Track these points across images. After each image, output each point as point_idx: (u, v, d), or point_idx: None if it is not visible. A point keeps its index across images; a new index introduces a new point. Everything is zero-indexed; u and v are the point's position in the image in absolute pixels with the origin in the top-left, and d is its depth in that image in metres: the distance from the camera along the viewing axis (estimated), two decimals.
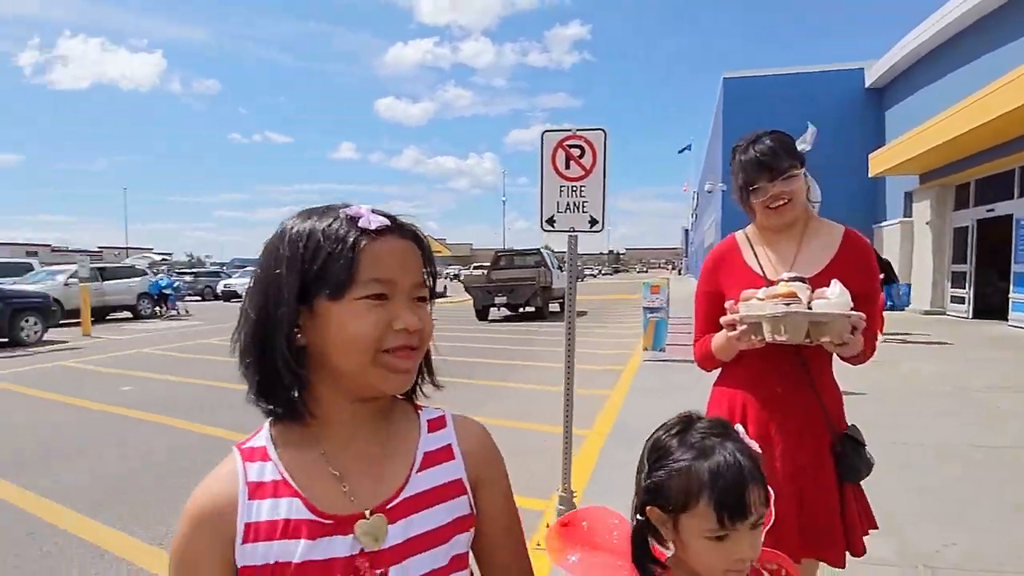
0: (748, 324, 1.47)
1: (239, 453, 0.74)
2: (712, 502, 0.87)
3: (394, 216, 0.75)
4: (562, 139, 2.85)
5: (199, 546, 0.69)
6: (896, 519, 3.09)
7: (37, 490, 3.92)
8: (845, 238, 1.63)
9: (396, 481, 0.75)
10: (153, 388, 7.37)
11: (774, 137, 1.61)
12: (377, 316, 0.70)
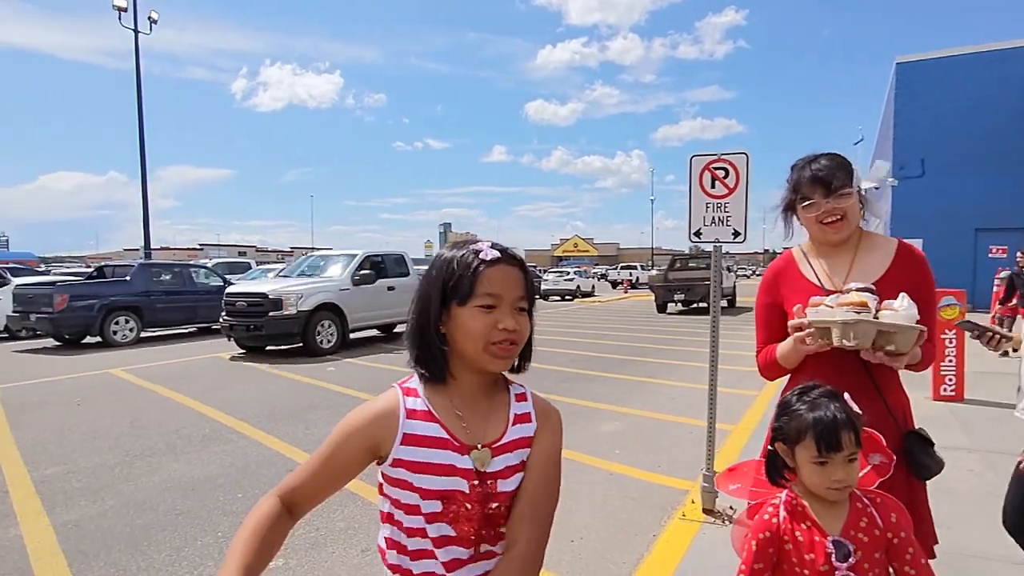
0: (817, 328, 1.56)
1: (400, 389, 1.10)
2: (814, 437, 1.28)
3: (506, 249, 1.09)
4: (709, 162, 3.26)
5: (363, 430, 1.04)
6: None
7: (292, 441, 5.08)
8: (899, 250, 1.72)
9: (499, 429, 1.10)
10: (348, 370, 8.72)
11: (831, 157, 1.72)
12: (487, 319, 1.03)
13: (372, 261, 11.59)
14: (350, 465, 1.05)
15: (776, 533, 1.33)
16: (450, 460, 1.04)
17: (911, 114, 18.59)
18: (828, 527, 1.29)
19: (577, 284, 29.34)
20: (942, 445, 4.72)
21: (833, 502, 1.32)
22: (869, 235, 1.77)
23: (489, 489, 1.05)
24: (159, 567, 2.96)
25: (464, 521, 1.04)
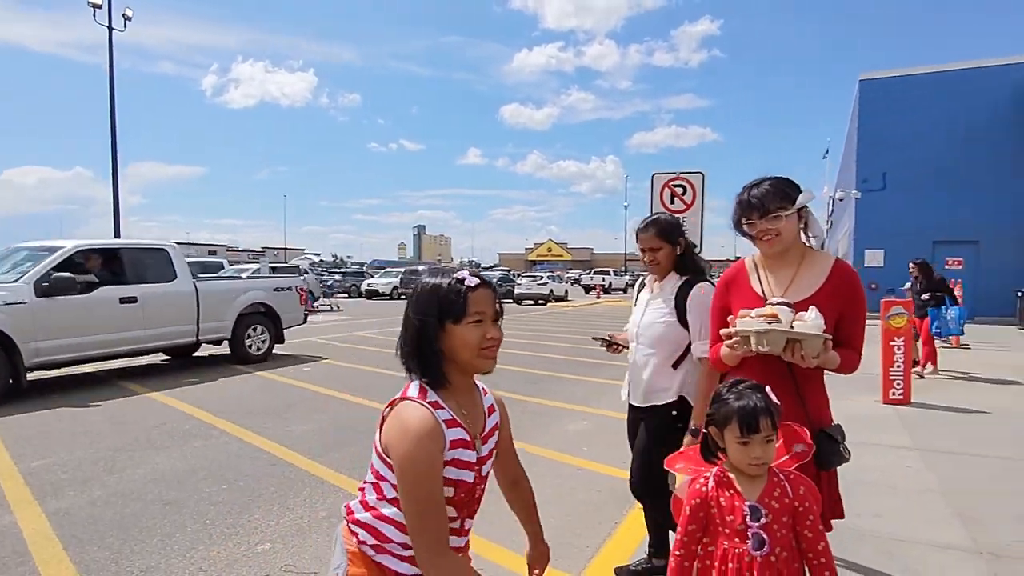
0: (740, 336, 1.85)
1: (430, 405, 1.27)
2: (738, 421, 1.56)
3: (482, 276, 1.35)
4: (668, 180, 3.54)
5: (432, 451, 1.21)
6: (982, 516, 3.45)
7: (271, 437, 5.24)
8: (834, 268, 1.98)
9: (482, 421, 1.39)
10: (325, 371, 8.85)
11: (772, 182, 1.98)
12: (478, 331, 1.30)
13: (93, 258, 7.63)
14: (441, 478, 1.25)
15: (705, 499, 1.61)
16: (467, 457, 1.30)
17: (874, 129, 19.30)
18: (748, 495, 1.57)
19: (550, 288, 29.64)
20: (888, 445, 5.14)
21: (754, 476, 1.59)
22: (812, 252, 2.03)
23: (481, 471, 1.35)
24: (152, 551, 3.12)
25: (465, 504, 1.32)
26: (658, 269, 2.60)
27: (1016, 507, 3.66)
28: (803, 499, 1.58)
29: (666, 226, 2.58)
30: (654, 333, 2.56)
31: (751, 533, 1.53)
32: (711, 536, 1.60)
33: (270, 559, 3.03)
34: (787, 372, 1.91)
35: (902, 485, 4.06)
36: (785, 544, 1.55)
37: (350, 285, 32.64)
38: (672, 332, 2.51)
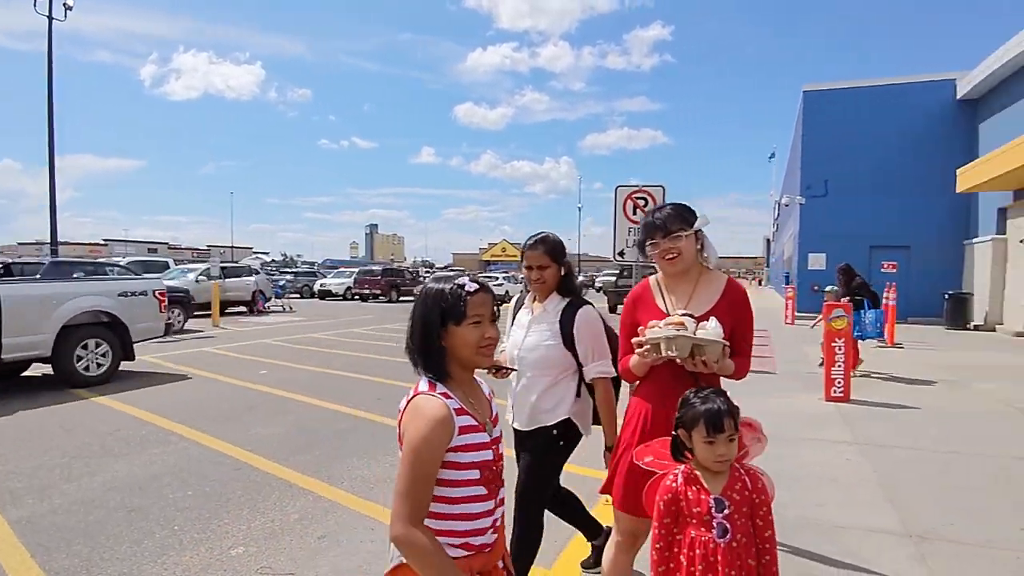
0: (651, 344, 2.04)
1: (442, 396, 1.41)
2: (704, 423, 1.74)
3: (481, 282, 1.50)
4: (631, 192, 3.74)
5: (440, 436, 1.36)
6: (910, 503, 3.77)
7: (233, 441, 5.19)
8: (727, 286, 2.21)
9: (488, 407, 1.55)
10: (282, 373, 8.76)
11: (673, 207, 2.22)
12: (478, 331, 1.45)
13: None
14: (439, 464, 1.39)
15: (675, 494, 1.78)
16: (482, 439, 1.45)
17: (816, 138, 20.23)
18: (712, 489, 1.75)
19: (506, 289, 29.85)
20: (830, 440, 5.47)
21: (717, 472, 1.77)
22: (707, 272, 2.26)
23: (498, 451, 1.52)
24: (122, 557, 3.10)
25: (492, 480, 1.47)
26: (543, 288, 2.55)
27: (942, 494, 4.00)
28: (759, 492, 1.78)
29: (555, 245, 2.55)
30: (539, 356, 2.50)
31: (715, 523, 1.71)
32: (680, 526, 1.77)
33: (245, 562, 3.06)
34: (691, 379, 2.09)
35: (842, 477, 4.37)
36: (744, 531, 1.72)
37: (302, 285, 32.02)
38: (557, 355, 2.47)
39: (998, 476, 4.38)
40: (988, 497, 3.97)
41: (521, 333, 2.56)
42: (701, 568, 1.69)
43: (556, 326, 2.48)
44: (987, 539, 3.31)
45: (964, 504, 3.83)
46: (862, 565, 3.00)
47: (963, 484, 4.22)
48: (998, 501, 3.90)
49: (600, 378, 2.48)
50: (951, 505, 3.81)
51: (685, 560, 1.73)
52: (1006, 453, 4.93)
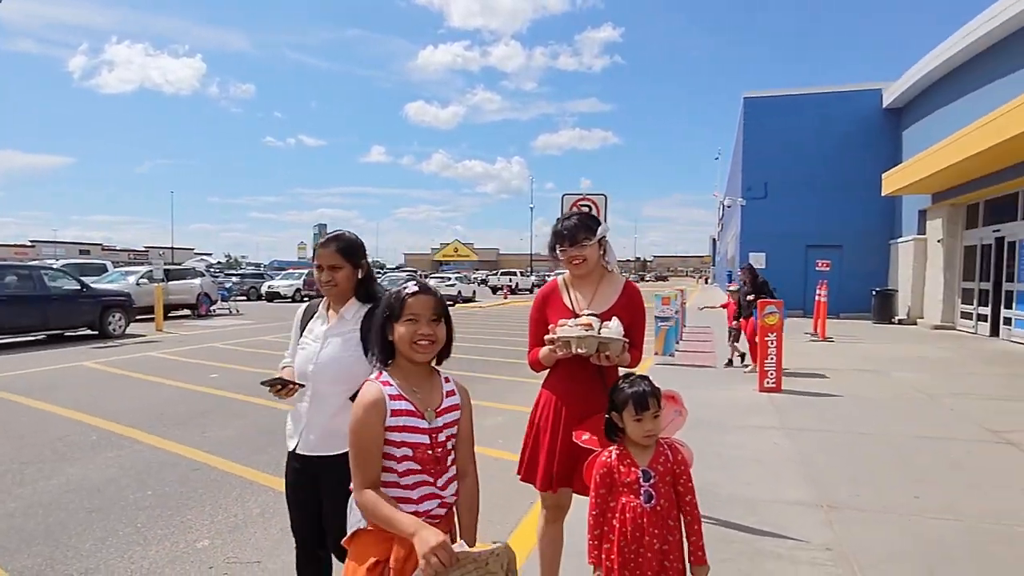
0: (561, 341, 2.31)
1: (380, 383, 1.65)
2: (632, 403, 2.00)
3: (425, 286, 1.72)
4: (577, 200, 4.04)
5: (374, 419, 1.60)
6: (824, 479, 4.19)
7: (189, 443, 5.24)
8: (625, 287, 2.52)
9: (438, 399, 1.72)
10: (233, 376, 8.72)
11: (579, 217, 2.50)
12: (411, 328, 1.65)
13: None
14: (379, 441, 1.63)
15: (610, 468, 2.06)
16: (416, 423, 1.65)
17: (756, 142, 21.21)
18: (641, 462, 2.04)
19: (459, 289, 29.96)
20: (761, 426, 5.93)
21: (645, 447, 2.05)
22: (608, 274, 2.57)
23: (436, 440, 1.68)
24: (86, 554, 3.19)
25: (427, 461, 1.66)
26: (336, 293, 2.25)
27: (851, 470, 4.46)
28: (680, 463, 2.06)
29: (351, 244, 2.25)
30: (338, 370, 2.17)
31: (642, 491, 1.98)
32: (613, 495, 2.05)
33: (211, 554, 3.20)
34: (594, 368, 2.38)
35: (768, 458, 4.78)
36: (667, 497, 2.01)
37: (249, 287, 31.26)
38: (359, 368, 2.08)
39: (899, 453, 4.89)
40: (889, 471, 4.45)
41: (316, 345, 2.24)
42: (631, 528, 1.97)
43: (357, 334, 2.18)
44: (885, 506, 3.76)
45: (869, 477, 4.30)
46: (779, 532, 3.37)
47: (870, 460, 4.69)
48: (897, 474, 4.38)
49: None
50: (858, 479, 4.26)
51: (618, 523, 2.00)
52: (908, 433, 5.49)
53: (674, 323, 9.68)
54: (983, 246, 14.15)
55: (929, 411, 6.38)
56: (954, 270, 15.36)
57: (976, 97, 13.86)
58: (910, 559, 3.08)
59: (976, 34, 13.43)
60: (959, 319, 15.14)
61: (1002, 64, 12.93)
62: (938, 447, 5.06)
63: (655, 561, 1.96)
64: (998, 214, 13.63)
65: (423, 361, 1.71)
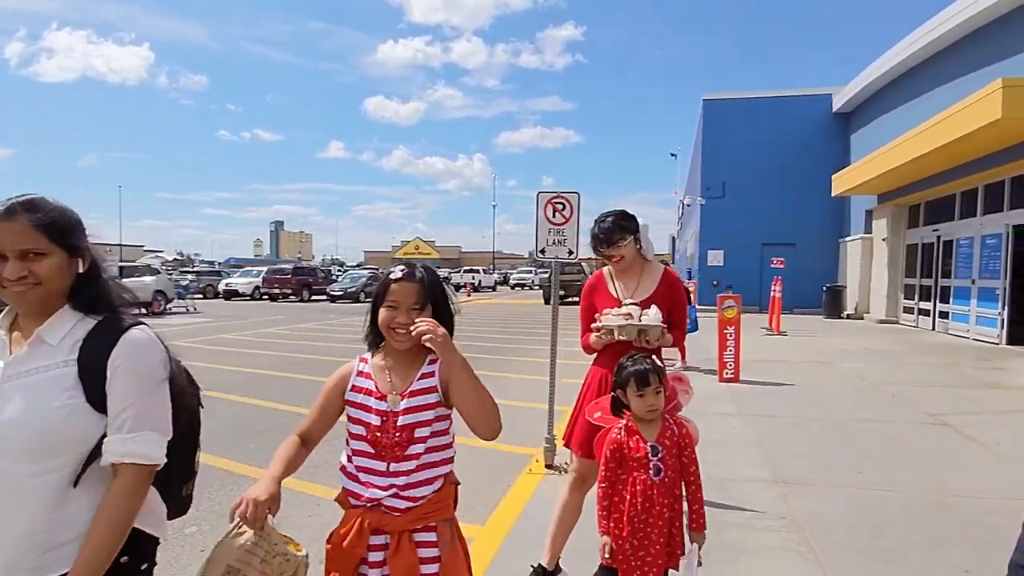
0: (606, 328, 2.61)
1: (359, 360, 1.72)
2: (634, 379, 2.13)
3: (412, 273, 1.67)
4: (551, 198, 4.24)
5: (335, 382, 1.69)
6: (780, 458, 4.51)
7: None
8: (664, 275, 2.79)
9: (408, 382, 1.65)
10: (196, 373, 8.56)
11: (614, 219, 2.73)
12: (389, 315, 1.62)
13: None
14: (334, 409, 1.70)
15: (619, 444, 2.17)
16: (370, 403, 1.63)
17: (715, 143, 21.83)
18: (648, 437, 2.15)
19: None
20: (721, 413, 6.29)
21: (651, 422, 2.16)
22: (649, 264, 2.82)
23: (392, 423, 1.61)
24: None
25: (378, 444, 1.61)
26: (31, 299, 1.30)
27: (802, 449, 4.81)
28: (684, 436, 2.20)
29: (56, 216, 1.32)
30: (43, 432, 1.24)
31: (652, 465, 2.11)
32: (624, 469, 2.15)
33: (200, 539, 3.28)
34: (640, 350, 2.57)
35: (730, 441, 5.09)
36: (674, 468, 2.14)
37: (205, 285, 30.49)
38: (79, 426, 1.26)
39: (846, 435, 5.27)
40: (837, 450, 4.82)
41: None
42: (641, 500, 2.09)
43: (71, 370, 1.29)
44: (833, 481, 4.10)
45: (819, 456, 4.65)
46: (740, 505, 3.65)
47: (819, 442, 5.06)
48: (844, 453, 4.74)
49: (131, 464, 1.27)
50: (809, 458, 4.61)
51: (628, 495, 2.11)
52: (854, 417, 5.91)
53: None
54: (924, 245, 14.98)
55: (873, 397, 6.83)
56: (897, 267, 16.21)
57: (917, 104, 14.63)
58: (854, 525, 3.39)
59: (917, 44, 14.19)
60: (902, 314, 15.98)
61: (940, 73, 13.70)
62: (880, 429, 5.46)
63: (664, 528, 2.10)
64: (937, 215, 14.45)
65: (402, 348, 1.66)
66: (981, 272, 12.16)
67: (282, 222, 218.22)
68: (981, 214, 12.43)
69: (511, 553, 3.13)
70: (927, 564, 2.96)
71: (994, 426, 5.31)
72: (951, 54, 13.34)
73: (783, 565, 2.95)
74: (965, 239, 12.93)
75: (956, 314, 13.15)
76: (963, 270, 12.87)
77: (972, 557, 3.00)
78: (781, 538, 3.23)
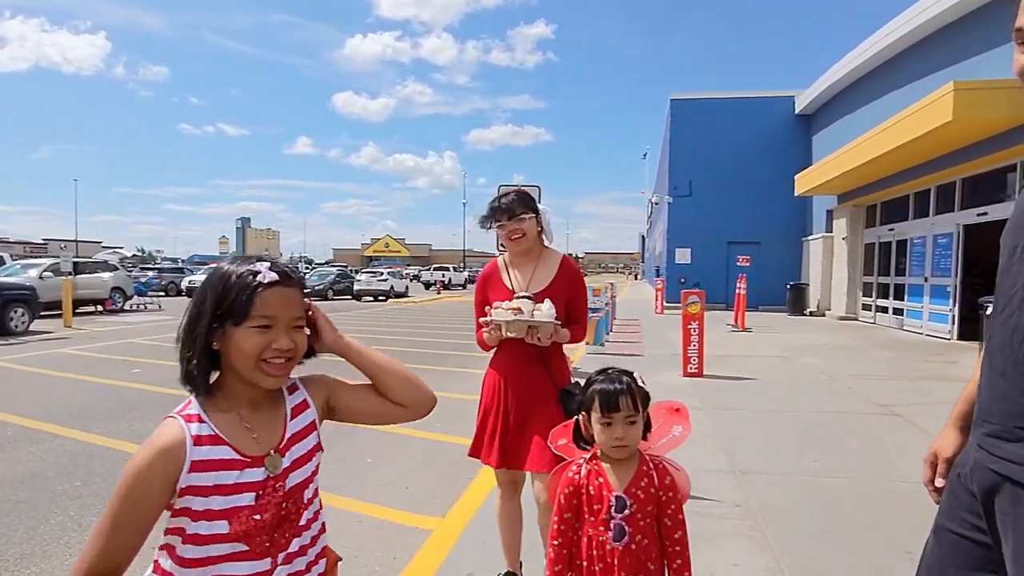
0: (495, 324, 2.33)
1: (181, 418, 1.09)
2: (599, 401, 1.57)
3: (284, 270, 1.13)
4: (512, 189, 4.23)
5: (154, 468, 1.03)
6: (738, 450, 4.61)
7: (120, 437, 5.10)
8: (562, 264, 2.52)
9: (280, 429, 1.16)
10: (158, 371, 8.42)
11: (517, 192, 2.49)
12: (261, 340, 1.08)
13: None
14: (152, 509, 1.05)
15: (577, 487, 1.63)
16: (238, 479, 1.08)
17: (682, 142, 22.16)
18: (618, 483, 1.59)
19: (391, 285, 29.75)
20: None
21: (623, 461, 1.60)
22: (547, 251, 2.58)
23: (279, 491, 1.12)
24: (19, 541, 3.13)
25: (256, 533, 1.09)
26: None
27: (759, 442, 4.92)
28: (668, 489, 1.61)
29: None
30: None
31: (613, 524, 1.56)
32: (580, 522, 1.62)
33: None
34: (536, 349, 2.40)
35: (692, 435, 5.16)
36: (648, 532, 1.58)
37: (167, 283, 29.92)
38: None
39: (803, 426, 5.41)
40: (793, 441, 4.95)
41: None
42: (600, 568, 1.57)
43: None
44: (788, 470, 4.20)
45: (775, 447, 4.76)
46: (697, 495, 3.70)
47: (777, 433, 5.18)
48: (800, 443, 4.87)
49: None
50: (767, 448, 4.72)
51: (585, 561, 1.60)
52: (810, 408, 6.09)
53: (604, 315, 10.09)
54: (881, 244, 15.44)
55: (830, 390, 7.03)
56: (856, 266, 16.67)
57: (874, 107, 15.08)
58: (806, 511, 3.49)
59: (874, 49, 14.62)
60: (861, 311, 16.45)
61: (896, 77, 14.13)
62: (836, 420, 5.62)
63: None
64: (893, 214, 14.90)
65: (274, 387, 1.15)
66: (933, 270, 12.59)
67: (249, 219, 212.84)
68: (933, 214, 12.86)
69: (470, 544, 3.14)
70: (872, 546, 3.06)
71: (941, 416, 5.44)
72: (905, 58, 13.77)
73: (735, 549, 3.02)
74: (918, 238, 13.36)
75: (910, 311, 13.59)
76: (917, 268, 13.31)
77: (914, 539, 3.10)
78: (735, 524, 3.30)
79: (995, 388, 1.19)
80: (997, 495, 1.15)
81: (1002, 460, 1.14)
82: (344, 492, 3.88)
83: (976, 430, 1.26)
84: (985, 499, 1.18)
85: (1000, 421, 1.16)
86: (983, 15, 10.87)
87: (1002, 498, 1.14)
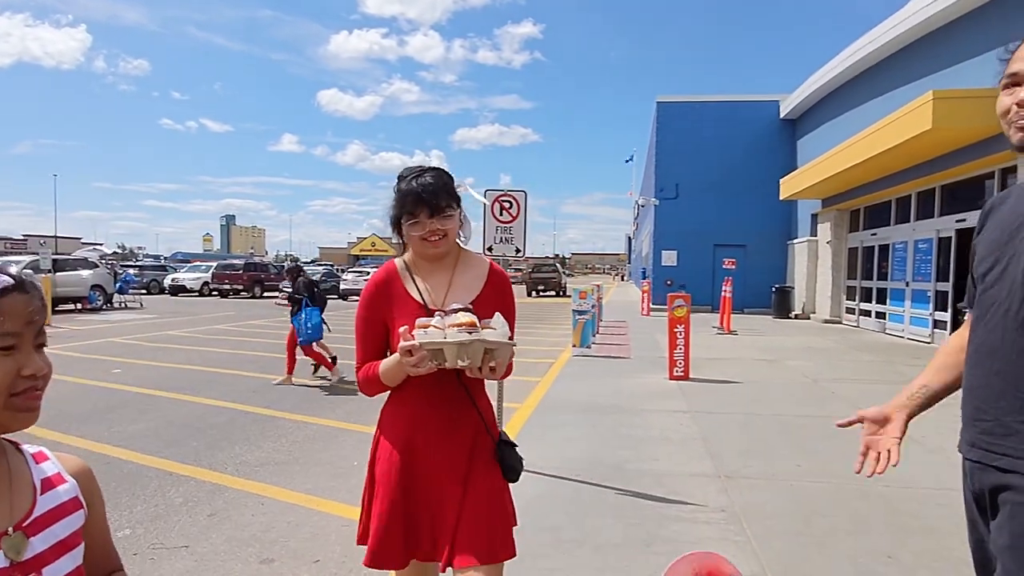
0: (429, 350, 1.53)
1: None
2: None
3: (17, 276, 0.85)
4: (498, 196, 4.27)
5: None
6: (723, 453, 4.64)
7: (98, 439, 5.04)
8: (491, 271, 1.82)
9: (27, 502, 0.86)
10: (138, 371, 8.32)
11: (436, 175, 1.72)
12: (7, 366, 0.80)
13: None
14: None
15: None
16: None
17: (668, 145, 22.28)
18: None
19: None
20: (669, 410, 6.43)
21: None
22: (466, 253, 1.86)
23: None
24: None
25: None
26: None
27: (744, 445, 4.96)
28: None
29: None
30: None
31: None
32: None
33: (134, 542, 3.16)
34: (459, 383, 1.72)
35: (675, 437, 5.20)
36: None
37: (150, 280, 29.62)
38: None
39: (787, 429, 5.47)
40: (777, 444, 4.99)
41: None
42: None
43: None
44: (772, 473, 4.25)
45: (760, 450, 4.80)
46: (682, 500, 3.74)
47: (761, 436, 5.23)
48: (784, 447, 4.92)
49: None
50: (751, 452, 4.76)
51: None
52: (794, 412, 6.15)
53: (591, 317, 10.13)
54: (864, 248, 15.65)
55: (813, 393, 7.11)
56: (840, 269, 16.87)
57: (857, 113, 15.27)
58: (789, 515, 3.53)
59: (856, 56, 14.80)
60: (844, 314, 16.65)
61: (878, 84, 14.34)
62: (818, 423, 5.68)
63: None
64: (875, 219, 15.11)
65: (28, 426, 0.87)
66: (914, 275, 12.77)
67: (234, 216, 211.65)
68: (914, 219, 13.05)
69: None
70: (854, 549, 3.10)
71: (921, 420, 5.56)
72: (887, 66, 13.97)
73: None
74: (900, 243, 13.55)
75: (892, 314, 13.78)
76: (898, 273, 13.50)
77: (895, 542, 3.16)
78: (720, 530, 3.32)
79: (991, 388, 1.28)
80: (995, 488, 1.24)
81: (1003, 455, 1.22)
82: (332, 495, 3.86)
83: (968, 430, 1.35)
84: (979, 495, 1.30)
85: (995, 417, 1.25)
86: (963, 25, 11.05)
87: (1001, 491, 1.22)
